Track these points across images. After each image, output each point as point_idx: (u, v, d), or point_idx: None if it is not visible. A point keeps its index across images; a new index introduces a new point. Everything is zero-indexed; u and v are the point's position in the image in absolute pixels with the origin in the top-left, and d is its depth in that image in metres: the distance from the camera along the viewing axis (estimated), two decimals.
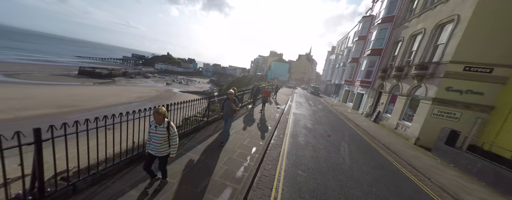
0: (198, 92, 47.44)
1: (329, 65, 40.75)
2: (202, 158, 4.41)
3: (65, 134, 2.35)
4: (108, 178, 3.12)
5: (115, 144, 3.18)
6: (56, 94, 24.12)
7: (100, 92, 29.94)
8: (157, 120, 2.67)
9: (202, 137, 5.60)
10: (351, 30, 27.65)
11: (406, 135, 9.51)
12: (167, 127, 2.75)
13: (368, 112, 15.04)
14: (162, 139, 2.75)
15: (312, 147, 6.49)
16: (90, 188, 2.84)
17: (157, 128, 2.72)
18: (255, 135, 6.51)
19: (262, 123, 8.18)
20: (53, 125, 2.29)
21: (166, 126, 2.74)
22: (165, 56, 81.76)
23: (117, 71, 45.43)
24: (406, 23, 12.61)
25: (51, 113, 17.73)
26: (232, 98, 5.11)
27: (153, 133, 2.75)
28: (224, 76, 79.65)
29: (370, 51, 16.59)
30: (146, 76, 56.00)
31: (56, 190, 2.45)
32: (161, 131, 2.73)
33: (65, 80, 33.34)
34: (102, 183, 2.99)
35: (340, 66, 28.05)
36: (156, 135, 2.74)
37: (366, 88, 16.97)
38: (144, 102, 29.00)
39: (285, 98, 18.87)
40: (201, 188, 3.36)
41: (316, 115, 12.69)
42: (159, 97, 35.14)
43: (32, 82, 27.94)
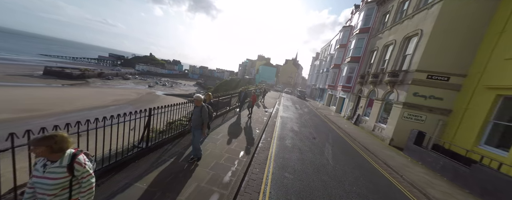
0: (183, 95, 45.61)
1: (313, 70, 42.82)
2: (188, 164, 4.24)
3: (28, 143, 2.08)
4: None
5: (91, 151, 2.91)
6: (15, 96, 21.05)
7: (71, 94, 26.99)
8: (40, 153, 1.41)
9: (187, 142, 5.40)
10: (333, 38, 29.64)
11: (382, 136, 10.35)
12: (69, 166, 1.48)
13: (349, 115, 16.06)
14: (56, 187, 1.44)
15: (298, 150, 6.68)
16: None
17: (47, 169, 1.44)
18: (243, 139, 6.49)
19: (250, 127, 8.20)
20: (14, 132, 2.03)
21: (66, 163, 1.48)
22: (148, 57, 77.54)
23: (91, 71, 41.60)
24: (379, 34, 13.99)
25: (9, 119, 15.40)
26: (200, 105, 4.03)
27: (38, 177, 1.43)
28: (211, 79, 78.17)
29: (350, 59, 17.93)
30: (126, 77, 52.25)
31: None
32: (54, 173, 1.44)
33: (26, 81, 29.36)
34: None
35: (324, 72, 29.70)
36: (43, 181, 1.42)
37: (347, 92, 18.18)
38: (123, 105, 26.79)
39: (273, 101, 19.21)
40: (186, 195, 3.22)
41: (302, 118, 13.13)
42: (140, 100, 32.85)
43: None
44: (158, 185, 3.36)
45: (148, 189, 3.19)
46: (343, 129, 11.70)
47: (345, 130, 11.43)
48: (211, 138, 6.07)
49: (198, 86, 67.52)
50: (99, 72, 44.47)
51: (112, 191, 3.01)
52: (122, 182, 3.26)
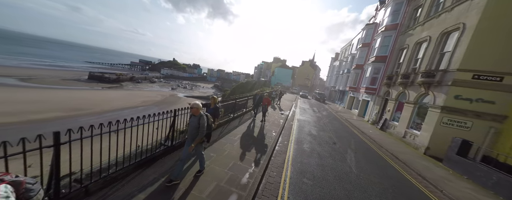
0: (202, 97, 48.04)
1: (332, 71, 40.79)
2: (208, 163, 4.42)
3: (81, 137, 2.46)
4: (118, 181, 3.18)
5: (124, 147, 3.27)
6: (66, 98, 25.00)
7: (108, 96, 30.78)
8: None
9: (213, 139, 5.64)
10: (354, 37, 27.89)
11: (415, 144, 9.22)
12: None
13: (374, 120, 14.76)
14: None
15: (317, 155, 6.39)
16: (101, 190, 2.90)
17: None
18: (259, 142, 6.49)
19: (266, 129, 8.17)
20: (71, 129, 2.42)
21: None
22: (171, 62, 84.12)
23: (124, 76, 46.86)
24: (410, 31, 12.67)
25: (62, 116, 18.32)
26: (198, 115, 3.31)
27: None
28: (227, 82, 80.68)
29: (374, 58, 16.60)
30: (152, 81, 57.40)
31: (70, 191, 2.53)
32: None
33: (75, 85, 34.58)
34: (112, 186, 3.05)
35: (344, 73, 28.03)
36: None
37: (371, 95, 16.79)
38: (149, 106, 29.52)
39: (289, 104, 18.84)
40: (206, 193, 3.36)
41: (321, 122, 12.55)
42: (164, 101, 35.70)
43: (45, 86, 29.12)
44: (182, 182, 3.58)
45: (173, 185, 3.42)
46: (367, 134, 10.80)
47: (369, 135, 10.53)
48: (228, 139, 6.23)
49: (215, 88, 70.25)
50: (130, 76, 49.80)
51: (143, 184, 3.32)
52: (151, 176, 3.57)
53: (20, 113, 17.27)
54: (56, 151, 2.30)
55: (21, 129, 14.07)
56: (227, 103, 7.93)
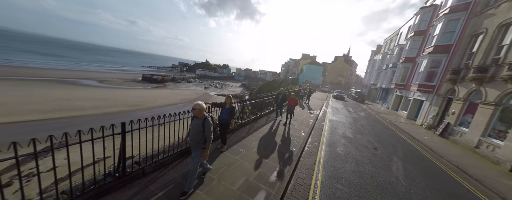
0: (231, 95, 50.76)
1: (373, 66, 35.64)
2: (238, 158, 4.63)
3: (139, 127, 2.99)
4: (165, 166, 3.73)
5: (166, 138, 3.79)
6: (127, 96, 31.10)
7: (156, 94, 36.46)
8: None
9: (236, 138, 5.91)
10: (403, 25, 23.46)
11: (494, 157, 7.07)
12: None
13: (431, 124, 12.11)
14: None
15: (354, 160, 5.75)
16: (153, 172, 3.47)
17: None
18: (287, 141, 6.33)
19: (294, 129, 7.89)
20: (132, 120, 2.97)
21: None
22: (204, 63, 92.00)
23: (167, 77, 54.28)
24: (490, 10, 9.67)
25: (124, 110, 22.93)
26: (202, 117, 2.91)
27: None
28: (254, 80, 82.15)
29: (432, 48, 13.54)
30: (189, 81, 64.33)
31: (132, 171, 3.12)
32: None
33: (133, 85, 42.44)
34: (161, 170, 3.60)
35: (389, 67, 24.02)
36: None
37: (427, 93, 13.82)
38: (187, 103, 33.44)
39: (319, 103, 17.62)
40: (237, 186, 3.53)
41: (358, 123, 11.21)
42: (198, 99, 39.61)
43: (113, 86, 36.97)
44: (215, 173, 3.87)
45: (208, 174, 3.74)
46: (420, 141, 8.97)
47: (424, 142, 8.72)
48: (256, 136, 6.33)
49: (243, 87, 72.65)
50: (172, 77, 57.22)
51: (183, 171, 3.77)
52: (190, 165, 4.01)
53: (98, 107, 22.49)
54: (123, 137, 2.87)
55: (99, 120, 18.33)
56: (254, 101, 8.07)
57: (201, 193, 3.23)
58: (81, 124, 16.95)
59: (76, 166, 4.74)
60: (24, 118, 16.60)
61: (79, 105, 22.42)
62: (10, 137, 12.18)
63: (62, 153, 7.45)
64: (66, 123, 16.80)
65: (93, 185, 2.65)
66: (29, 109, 18.59)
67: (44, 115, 17.99)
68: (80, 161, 2.41)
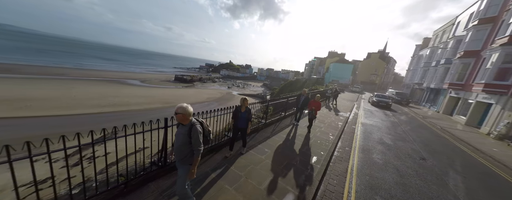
0: (252, 95, 51.54)
1: (417, 63, 30.58)
2: (263, 158, 4.60)
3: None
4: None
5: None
6: (162, 94, 35.10)
7: (185, 93, 40.02)
8: None
9: (261, 138, 5.90)
10: (462, 13, 19.31)
11: None
12: None
13: (504, 133, 9.61)
14: None
15: (395, 170, 5.01)
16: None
17: None
18: (314, 144, 5.97)
19: (321, 132, 7.39)
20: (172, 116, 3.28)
21: None
22: (228, 64, 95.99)
23: (195, 77, 58.82)
24: None
25: (160, 107, 25.93)
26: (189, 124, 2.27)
27: None
28: (276, 80, 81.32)
29: (508, 39, 10.69)
30: (214, 81, 68.21)
31: (171, 161, 3.45)
32: None
33: (167, 85, 47.63)
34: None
35: (441, 64, 20.15)
36: None
37: (497, 94, 11.03)
38: (211, 102, 35.66)
39: (349, 104, 16.11)
40: (264, 186, 3.50)
41: (398, 129, 9.77)
42: (222, 98, 41.68)
43: (152, 86, 42.24)
44: (243, 170, 3.93)
45: (235, 171, 3.83)
46: (487, 153, 7.21)
47: (493, 156, 6.96)
48: (281, 137, 6.19)
49: (264, 87, 72.78)
50: (199, 77, 61.65)
51: (213, 166, 3.96)
52: (219, 160, 4.20)
53: (140, 103, 26.03)
54: (165, 131, 3.19)
55: (141, 114, 21.22)
56: (278, 101, 7.89)
57: (230, 188, 3.32)
58: (128, 117, 19.96)
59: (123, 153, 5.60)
60: (88, 111, 20.52)
61: (126, 101, 26.47)
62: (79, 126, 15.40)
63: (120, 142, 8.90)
64: (117, 116, 20.08)
65: (143, 171, 3.03)
66: (91, 103, 22.87)
67: (102, 109, 21.86)
68: (134, 149, 2.78)
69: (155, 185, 3.10)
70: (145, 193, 2.89)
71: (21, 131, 13.64)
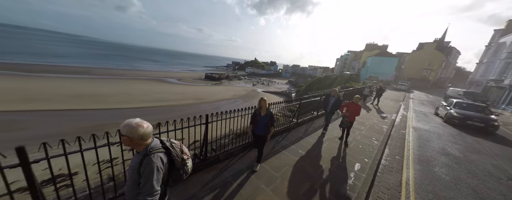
0: (277, 92, 50.85)
1: (496, 53, 23.75)
2: (298, 160, 4.35)
3: (217, 119, 3.36)
4: (233, 156, 4.09)
5: (235, 131, 4.09)
6: (194, 91, 38.45)
7: (214, 90, 42.73)
8: None
9: (293, 138, 5.62)
10: None
11: None
12: None
13: None
14: None
15: (471, 191, 3.95)
16: (224, 161, 3.89)
17: None
18: (354, 148, 5.30)
19: (361, 135, 6.53)
20: (213, 113, 3.39)
21: None
22: (253, 61, 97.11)
23: (223, 75, 62.00)
24: None
25: (192, 103, 28.51)
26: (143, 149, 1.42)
27: None
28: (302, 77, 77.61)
29: None
30: (240, 78, 70.29)
31: (211, 156, 3.61)
32: None
33: (198, 82, 51.86)
34: (230, 159, 3.98)
35: None
36: None
37: None
38: (237, 99, 37.05)
39: (393, 104, 13.84)
40: (303, 191, 3.27)
41: (468, 138, 7.78)
42: (247, 95, 42.68)
43: (185, 83, 46.75)
44: (277, 170, 3.80)
45: (269, 170, 3.73)
46: None
47: None
48: (314, 137, 5.77)
49: (289, 84, 70.57)
50: (226, 75, 64.63)
51: (248, 163, 3.97)
52: (253, 158, 4.18)
53: (176, 99, 29.17)
54: (206, 127, 3.33)
55: (177, 109, 23.83)
56: (309, 99, 7.30)
57: (267, 189, 3.24)
58: (167, 111, 22.72)
59: None
60: (139, 105, 24.23)
61: (166, 97, 30.12)
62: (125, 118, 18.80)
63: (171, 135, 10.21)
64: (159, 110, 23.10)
65: None
66: (141, 99, 26.90)
67: (148, 103, 25.45)
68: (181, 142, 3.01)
69: (197, 177, 3.30)
70: (190, 183, 3.10)
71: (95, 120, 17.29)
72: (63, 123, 16.11)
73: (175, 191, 2.90)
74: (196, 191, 2.96)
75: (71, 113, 18.66)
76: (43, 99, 21.08)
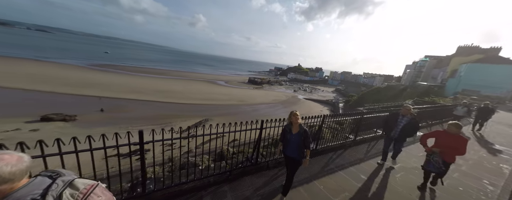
0: (320, 100, 46.73)
1: None
2: (359, 186, 3.59)
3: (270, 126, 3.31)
4: (282, 166, 3.88)
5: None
6: (237, 93, 41.58)
7: (255, 94, 44.59)
8: None
9: (352, 158, 4.76)
10: None
11: None
12: None
13: None
14: None
15: None
16: (274, 169, 3.77)
17: None
18: (455, 192, 3.79)
19: (465, 176, 4.66)
20: (267, 119, 3.37)
21: None
22: (296, 67, 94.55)
23: (264, 80, 63.79)
24: None
25: (235, 104, 30.97)
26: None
27: None
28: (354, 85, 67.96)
29: None
30: (281, 83, 70.00)
31: (261, 161, 3.59)
32: None
33: (241, 86, 55.83)
34: (279, 168, 3.81)
35: None
36: None
37: None
38: (277, 104, 36.86)
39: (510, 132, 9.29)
40: None
41: None
42: (287, 101, 41.69)
43: (231, 86, 51.48)
44: (335, 195, 3.26)
45: (324, 191, 3.24)
46: None
47: None
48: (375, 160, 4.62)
49: (336, 92, 63.26)
50: (268, 80, 66.10)
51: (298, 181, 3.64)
52: (305, 174, 3.81)
53: (222, 99, 32.56)
54: (260, 132, 3.34)
55: (223, 107, 26.54)
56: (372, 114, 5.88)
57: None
58: (214, 109, 25.68)
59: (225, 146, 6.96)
60: (192, 101, 28.93)
61: (215, 97, 34.24)
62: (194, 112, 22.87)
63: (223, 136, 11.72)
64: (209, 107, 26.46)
65: (241, 163, 3.37)
66: (195, 97, 31.88)
67: (201, 101, 29.73)
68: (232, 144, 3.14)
69: (250, 180, 3.34)
70: (243, 186, 3.17)
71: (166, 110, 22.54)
72: (148, 111, 21.62)
73: (230, 189, 3.03)
74: (249, 194, 2.97)
75: (153, 103, 24.79)
76: (137, 92, 28.99)
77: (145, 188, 2.41)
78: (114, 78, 38.03)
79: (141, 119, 18.81)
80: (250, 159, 3.58)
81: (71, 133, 14.90)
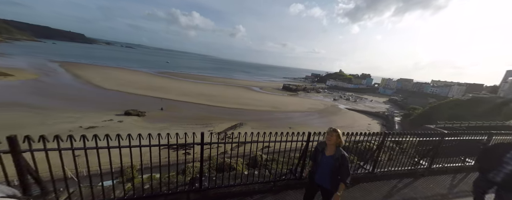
0: (368, 112, 40.08)
1: None
2: None
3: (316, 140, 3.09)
4: None
5: None
6: (271, 99, 41.70)
7: (289, 101, 43.37)
8: None
9: (429, 192, 3.71)
10: None
11: None
12: None
13: None
14: None
15: None
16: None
17: None
18: None
19: None
20: (314, 132, 3.17)
21: None
22: (337, 73, 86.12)
23: (300, 87, 61.21)
24: None
25: (268, 110, 31.04)
26: None
27: None
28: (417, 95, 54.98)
29: None
30: (318, 91, 65.18)
31: (305, 177, 3.37)
32: None
33: (275, 92, 55.74)
34: None
35: None
36: None
37: None
38: (313, 113, 34.31)
39: None
40: None
41: None
42: (325, 110, 38.09)
43: (265, 92, 52.32)
44: None
45: None
46: None
47: None
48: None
49: (390, 103, 52.65)
50: (303, 87, 63.00)
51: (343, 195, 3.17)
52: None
53: (256, 105, 33.36)
54: (307, 145, 3.17)
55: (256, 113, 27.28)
56: (458, 137, 4.29)
57: None
58: (248, 114, 26.66)
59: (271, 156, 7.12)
60: (229, 105, 31.08)
61: (249, 102, 35.59)
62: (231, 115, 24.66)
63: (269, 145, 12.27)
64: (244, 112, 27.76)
65: (284, 176, 3.29)
66: (233, 101, 34.12)
67: (237, 105, 31.56)
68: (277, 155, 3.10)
69: (294, 195, 3.19)
70: (288, 199, 3.07)
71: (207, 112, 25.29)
72: (193, 111, 25.09)
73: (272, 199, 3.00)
74: None
75: (197, 105, 28.53)
76: (186, 94, 34.10)
77: (201, 184, 2.72)
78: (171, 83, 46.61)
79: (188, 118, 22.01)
80: (293, 172, 3.45)
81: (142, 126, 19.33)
